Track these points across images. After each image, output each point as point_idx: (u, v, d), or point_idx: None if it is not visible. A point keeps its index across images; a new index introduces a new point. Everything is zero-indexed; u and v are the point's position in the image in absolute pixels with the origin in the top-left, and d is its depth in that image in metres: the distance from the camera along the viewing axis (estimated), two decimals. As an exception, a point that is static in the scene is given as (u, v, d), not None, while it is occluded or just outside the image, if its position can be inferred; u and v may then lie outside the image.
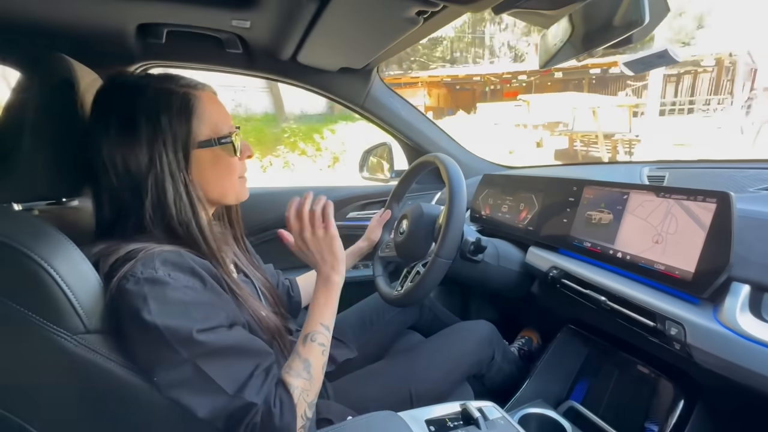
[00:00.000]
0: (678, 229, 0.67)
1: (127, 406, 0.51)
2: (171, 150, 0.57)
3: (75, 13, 0.83)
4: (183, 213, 0.58)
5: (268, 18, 0.89)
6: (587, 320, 0.97)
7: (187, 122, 0.58)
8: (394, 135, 1.44)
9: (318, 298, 0.68)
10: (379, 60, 1.18)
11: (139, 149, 0.56)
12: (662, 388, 0.81)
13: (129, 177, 0.56)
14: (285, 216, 0.70)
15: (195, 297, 0.51)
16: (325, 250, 0.68)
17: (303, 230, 0.68)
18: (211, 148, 0.61)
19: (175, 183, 0.57)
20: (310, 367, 0.61)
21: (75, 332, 0.46)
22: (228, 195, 0.66)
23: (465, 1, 0.68)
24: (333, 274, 0.69)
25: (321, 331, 0.65)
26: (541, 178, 1.04)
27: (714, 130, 8.72)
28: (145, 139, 0.56)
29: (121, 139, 0.56)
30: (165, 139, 0.56)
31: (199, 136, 0.59)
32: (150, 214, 0.57)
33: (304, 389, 0.59)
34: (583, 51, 0.70)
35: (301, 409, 0.57)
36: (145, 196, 0.56)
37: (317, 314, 0.67)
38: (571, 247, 0.87)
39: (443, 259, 0.82)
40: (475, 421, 0.64)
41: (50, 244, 0.47)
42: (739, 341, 0.55)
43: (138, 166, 0.56)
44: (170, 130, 0.57)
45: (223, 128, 0.62)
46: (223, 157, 0.62)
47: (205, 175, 0.61)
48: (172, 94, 0.58)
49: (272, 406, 0.53)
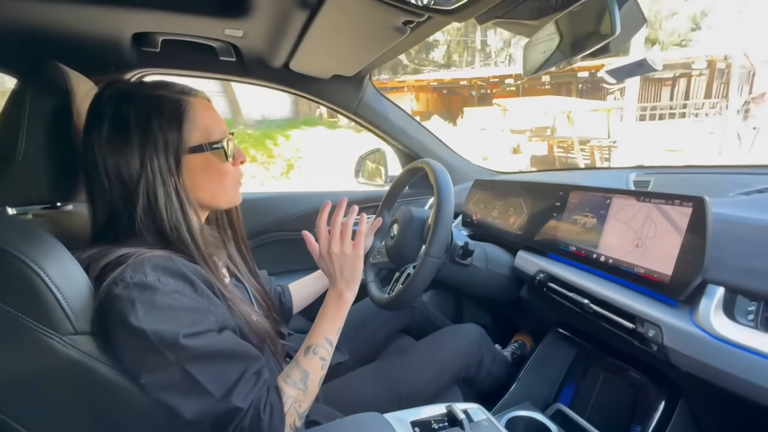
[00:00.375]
0: (657, 233, 0.68)
1: (114, 406, 0.52)
2: (162, 155, 0.57)
3: (71, 21, 0.85)
4: (173, 218, 0.58)
5: (260, 27, 0.92)
6: (573, 323, 0.98)
7: (178, 128, 0.58)
8: (388, 141, 1.46)
9: (327, 312, 0.68)
10: (371, 67, 1.20)
11: (131, 154, 0.56)
12: (645, 391, 0.82)
13: (121, 182, 0.57)
14: (317, 222, 0.70)
15: (184, 302, 0.52)
16: (346, 268, 0.69)
17: (332, 244, 0.68)
18: (203, 153, 0.61)
19: (166, 188, 0.58)
20: (307, 378, 0.62)
21: (64, 333, 0.47)
22: (219, 199, 0.66)
23: (448, 12, 0.71)
24: (347, 291, 0.69)
25: (324, 345, 0.66)
26: (530, 183, 1.06)
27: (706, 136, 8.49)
28: (137, 145, 0.57)
29: (113, 144, 0.57)
30: (156, 144, 0.57)
31: (191, 142, 0.60)
32: (141, 218, 0.57)
33: (297, 399, 0.59)
34: (563, 59, 0.72)
35: (291, 419, 0.58)
36: (136, 200, 0.57)
37: (324, 328, 0.67)
38: (558, 251, 0.89)
39: (433, 257, 0.83)
40: (459, 422, 0.65)
41: (40, 247, 0.48)
42: (713, 343, 0.56)
43: (129, 171, 0.57)
44: (161, 135, 0.57)
45: (214, 133, 0.62)
46: (214, 162, 0.63)
47: (197, 180, 0.62)
48: (164, 99, 0.59)
49: (261, 411, 0.54)
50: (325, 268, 0.71)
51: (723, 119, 9.17)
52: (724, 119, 9.13)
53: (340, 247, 0.68)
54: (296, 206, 1.41)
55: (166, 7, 0.83)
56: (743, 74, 10.40)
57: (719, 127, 8.67)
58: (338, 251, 0.68)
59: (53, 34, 0.88)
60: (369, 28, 0.86)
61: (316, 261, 0.72)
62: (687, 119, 10.57)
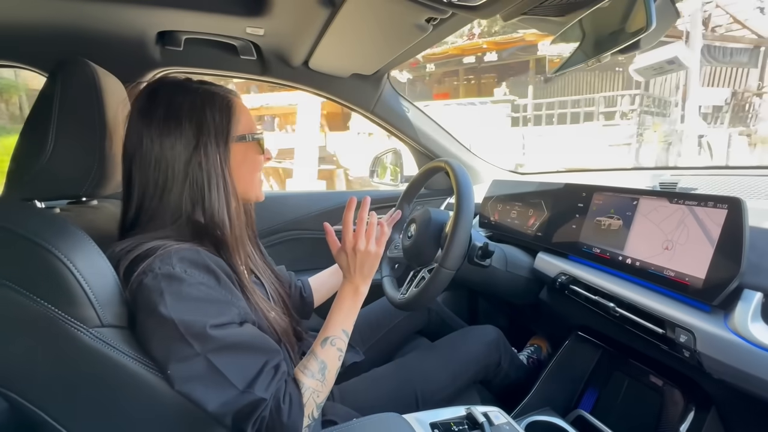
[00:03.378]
0: (688, 235, 0.66)
1: (138, 399, 0.53)
2: (214, 140, 0.60)
3: (99, 20, 0.87)
4: (218, 202, 0.60)
5: (281, 25, 0.92)
6: (596, 327, 0.96)
7: (228, 118, 0.62)
8: (404, 140, 1.45)
9: (342, 305, 0.70)
10: (390, 66, 1.20)
11: (185, 138, 0.59)
12: (673, 398, 0.80)
13: (168, 166, 0.58)
14: (344, 217, 0.70)
15: (209, 293, 0.53)
16: (366, 264, 0.70)
17: (359, 241, 0.69)
18: (245, 143, 0.65)
19: (216, 171, 0.60)
20: (325, 369, 0.62)
21: (91, 325, 0.48)
22: (250, 192, 0.69)
23: (473, 9, 0.69)
24: (363, 286, 0.71)
25: (341, 336, 0.67)
26: (551, 184, 1.04)
27: (619, 146, 6.74)
28: (191, 129, 0.59)
29: (166, 128, 0.58)
30: (209, 130, 0.60)
31: (237, 132, 0.64)
32: (186, 203, 0.59)
33: (316, 390, 0.60)
34: (592, 56, 0.70)
35: (310, 409, 0.58)
36: (183, 185, 0.59)
37: (340, 319, 0.68)
38: (580, 253, 0.87)
39: (447, 269, 0.83)
40: (480, 425, 0.64)
41: (70, 241, 0.49)
42: (751, 349, 0.53)
43: (181, 154, 0.59)
44: (213, 123, 0.61)
45: (254, 128, 0.67)
46: (252, 154, 0.67)
47: (238, 169, 0.64)
48: (216, 94, 0.63)
49: (281, 402, 0.54)
50: (343, 262, 0.71)
51: (671, 119, 7.42)
52: (672, 120, 7.38)
53: (366, 245, 0.69)
54: (313, 205, 1.41)
55: (189, 6, 0.85)
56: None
57: (650, 131, 6.98)
58: (363, 248, 0.69)
59: (80, 32, 0.90)
60: (391, 26, 0.85)
61: (335, 254, 0.72)
62: (595, 122, 7.89)
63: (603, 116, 7.96)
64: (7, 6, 0.81)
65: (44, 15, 0.84)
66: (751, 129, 8.31)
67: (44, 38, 0.91)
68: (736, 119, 8.55)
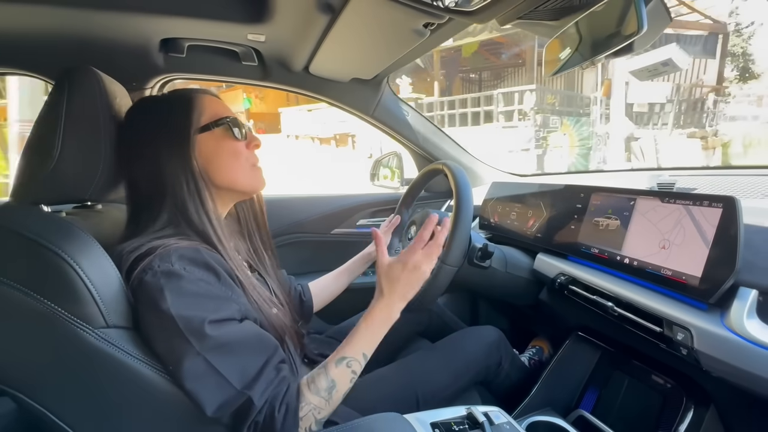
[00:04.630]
0: (684, 234, 0.66)
1: (140, 399, 0.54)
2: (175, 140, 0.62)
3: (104, 28, 0.89)
4: (191, 197, 0.61)
5: (282, 31, 0.94)
6: (596, 327, 0.96)
7: (185, 113, 0.63)
8: (404, 144, 1.47)
9: (371, 324, 0.65)
10: (389, 70, 1.21)
11: (154, 149, 0.62)
12: (672, 397, 0.80)
13: (151, 176, 0.62)
14: (421, 233, 0.66)
15: (208, 289, 0.54)
16: (412, 283, 0.65)
17: (424, 259, 0.64)
18: (211, 131, 0.64)
19: (184, 171, 0.62)
20: (333, 389, 0.60)
21: (96, 326, 0.49)
22: (238, 182, 0.68)
23: (469, 14, 0.71)
24: (398, 304, 0.66)
25: (359, 359, 0.63)
26: (549, 185, 1.05)
27: (516, 152, 5.80)
28: (154, 139, 0.62)
29: (136, 141, 0.63)
30: (167, 132, 0.62)
31: (199, 124, 0.64)
32: (171, 209, 0.61)
33: (318, 407, 0.58)
34: (587, 59, 0.71)
35: (308, 423, 0.57)
36: (165, 191, 0.61)
37: (363, 341, 0.64)
38: (579, 254, 0.87)
39: (449, 266, 0.83)
40: (480, 425, 0.64)
41: (76, 243, 0.50)
42: (747, 346, 0.54)
43: (155, 163, 0.62)
44: (170, 123, 0.63)
45: (218, 116, 0.66)
46: (225, 141, 0.66)
47: (212, 161, 0.65)
48: (176, 95, 0.66)
49: (276, 411, 0.54)
50: (387, 275, 0.66)
51: (590, 120, 6.21)
52: (592, 120, 6.19)
53: (422, 264, 0.65)
54: (314, 208, 1.42)
55: (192, 14, 0.87)
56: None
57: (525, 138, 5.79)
58: (420, 266, 0.65)
59: (86, 40, 0.92)
60: (389, 31, 0.87)
61: (382, 265, 0.67)
62: (494, 123, 6.82)
63: (503, 116, 6.81)
64: (14, 15, 0.83)
65: (50, 24, 0.86)
66: (707, 131, 7.18)
67: (50, 46, 0.93)
68: (690, 119, 7.41)
